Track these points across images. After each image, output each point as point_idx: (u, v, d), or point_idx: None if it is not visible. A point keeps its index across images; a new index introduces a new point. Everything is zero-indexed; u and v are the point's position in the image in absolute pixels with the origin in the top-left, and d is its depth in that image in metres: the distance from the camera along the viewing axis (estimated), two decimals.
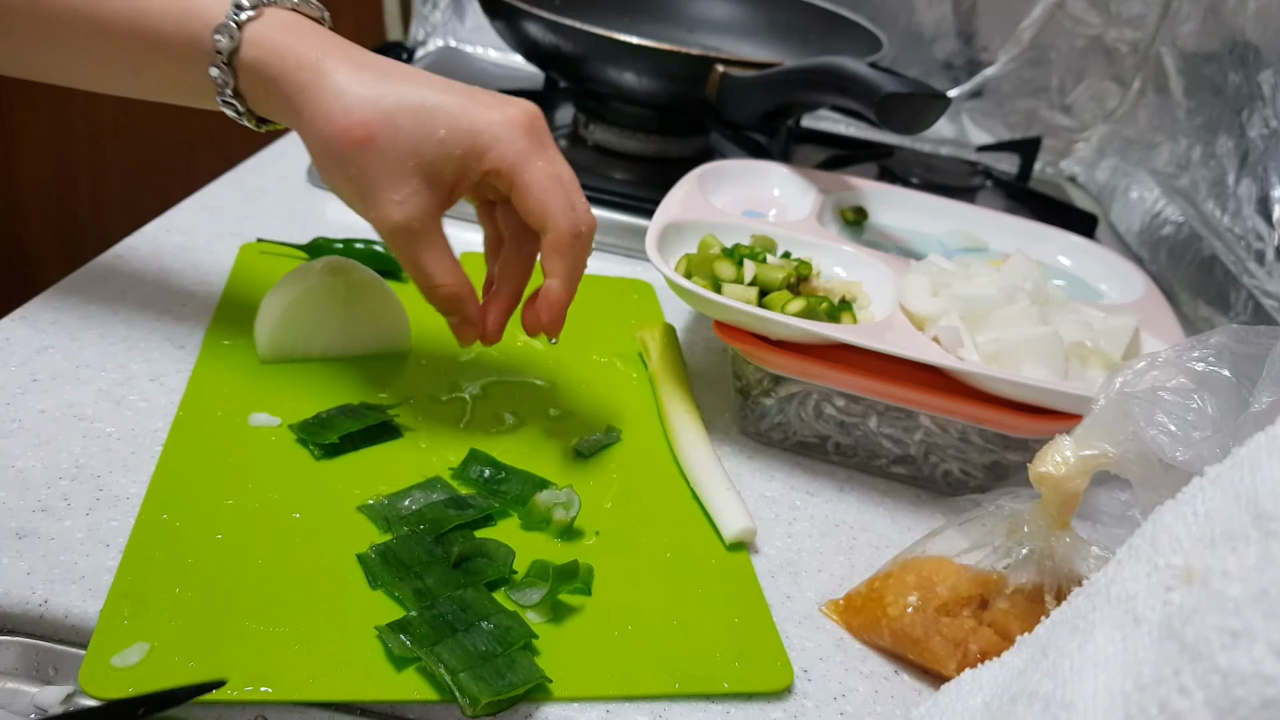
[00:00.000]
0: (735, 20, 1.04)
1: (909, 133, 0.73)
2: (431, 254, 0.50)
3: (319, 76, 0.47)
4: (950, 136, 1.17)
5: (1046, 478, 0.42)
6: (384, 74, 0.48)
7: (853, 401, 0.57)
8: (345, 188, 0.49)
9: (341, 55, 0.48)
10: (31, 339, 0.56)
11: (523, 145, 0.48)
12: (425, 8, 1.20)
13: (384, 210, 0.48)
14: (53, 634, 0.41)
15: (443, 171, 0.48)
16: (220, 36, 0.47)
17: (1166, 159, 1.01)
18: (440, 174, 0.48)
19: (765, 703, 0.43)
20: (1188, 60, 1.01)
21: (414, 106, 0.47)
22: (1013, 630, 0.44)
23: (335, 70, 0.48)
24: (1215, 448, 0.36)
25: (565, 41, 0.80)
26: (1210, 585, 0.25)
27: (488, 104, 0.49)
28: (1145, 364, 0.41)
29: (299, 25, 0.49)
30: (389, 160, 0.47)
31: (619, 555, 0.48)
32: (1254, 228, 0.82)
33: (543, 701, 0.41)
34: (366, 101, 0.47)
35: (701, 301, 0.56)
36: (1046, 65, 1.13)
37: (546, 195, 0.49)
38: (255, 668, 0.39)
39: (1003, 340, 0.55)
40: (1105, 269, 0.73)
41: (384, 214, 0.48)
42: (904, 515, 0.57)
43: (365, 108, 0.47)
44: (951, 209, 0.77)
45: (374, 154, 0.47)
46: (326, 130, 0.47)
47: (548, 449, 0.55)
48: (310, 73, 0.47)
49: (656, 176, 0.80)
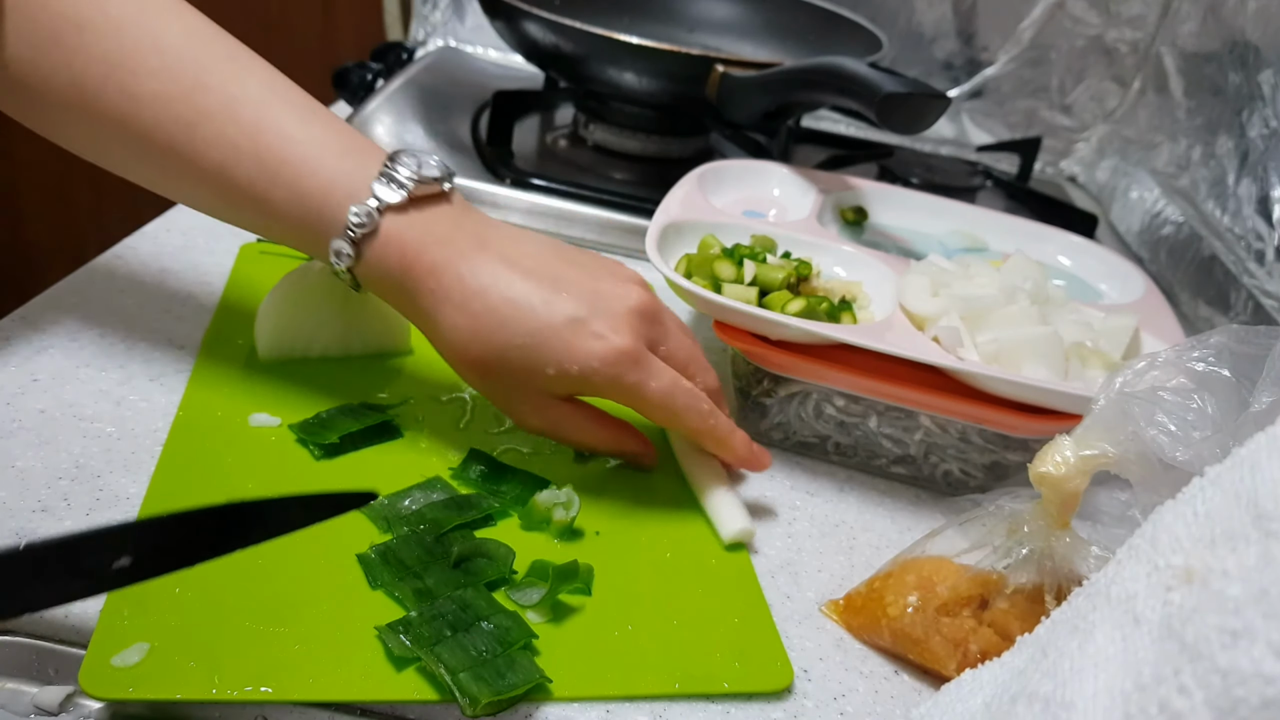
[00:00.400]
0: (735, 20, 1.04)
1: (909, 133, 0.73)
2: (579, 430, 0.52)
3: (436, 300, 0.49)
4: (950, 136, 1.17)
5: (1046, 478, 0.42)
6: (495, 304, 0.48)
7: (853, 401, 0.57)
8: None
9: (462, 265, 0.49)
10: (31, 339, 0.56)
11: (631, 379, 0.49)
12: (425, 8, 1.20)
13: (513, 413, 0.52)
14: (53, 634, 0.41)
15: (555, 391, 0.50)
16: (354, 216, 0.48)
17: (1166, 159, 1.01)
18: (553, 392, 0.51)
19: (765, 703, 0.43)
20: (1188, 60, 1.01)
21: (523, 345, 0.48)
22: (1013, 630, 0.44)
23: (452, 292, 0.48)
24: (1215, 448, 0.36)
25: (565, 41, 0.80)
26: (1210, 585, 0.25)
27: (592, 334, 0.48)
28: (1145, 364, 0.41)
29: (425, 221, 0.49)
30: (505, 385, 0.50)
31: (619, 555, 0.48)
32: (1254, 228, 0.82)
33: (543, 701, 0.41)
34: (477, 341, 0.49)
35: (701, 301, 0.56)
36: (1046, 65, 1.13)
37: (668, 410, 0.50)
38: (255, 668, 0.39)
39: (1003, 340, 0.55)
40: (1105, 269, 0.73)
41: (515, 416, 0.52)
42: (904, 515, 0.57)
43: (476, 347, 0.49)
44: (951, 209, 0.77)
45: (491, 381, 0.50)
46: (446, 354, 0.50)
47: (548, 449, 0.55)
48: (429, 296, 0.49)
49: (656, 176, 0.80)
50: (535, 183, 0.81)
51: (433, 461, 0.52)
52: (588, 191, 0.82)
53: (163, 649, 0.39)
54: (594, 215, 0.80)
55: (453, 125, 0.92)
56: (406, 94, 0.98)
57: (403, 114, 0.92)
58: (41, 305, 0.59)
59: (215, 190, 0.49)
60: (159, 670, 0.38)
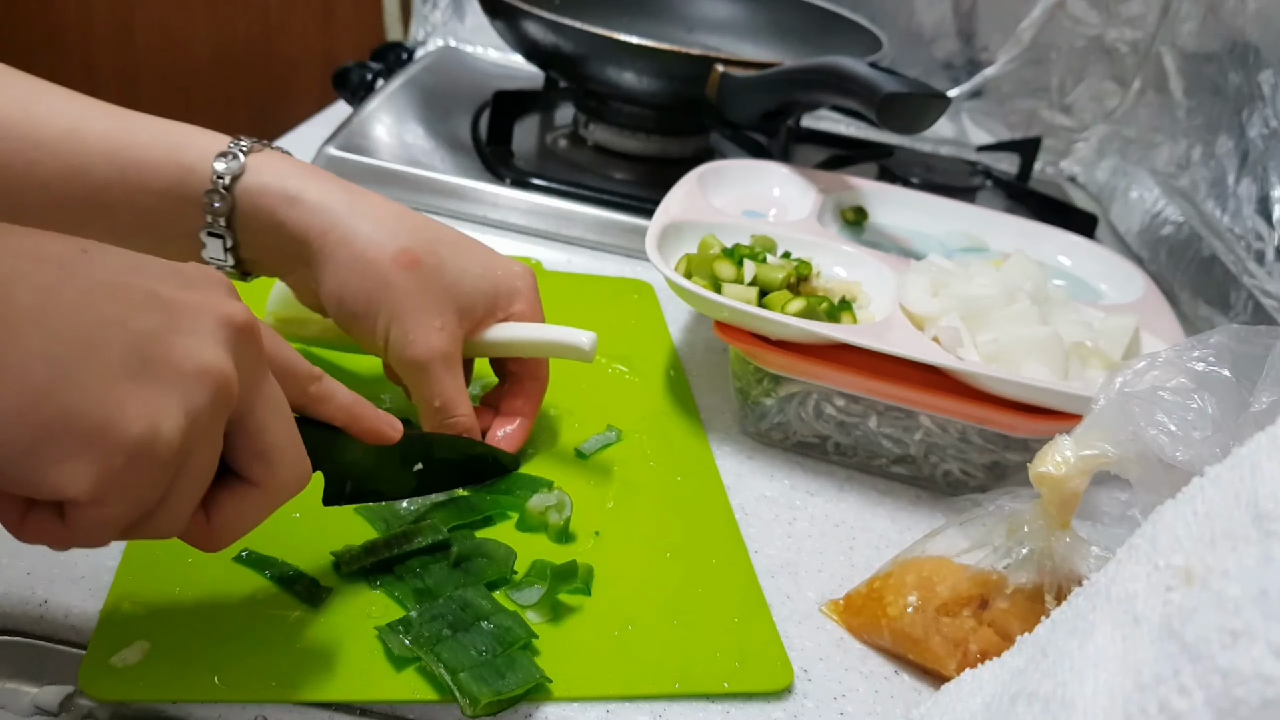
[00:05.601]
0: (735, 20, 1.04)
1: (909, 132, 0.74)
2: (459, 382, 0.50)
3: (355, 200, 0.48)
4: (950, 136, 1.17)
5: (1046, 478, 0.42)
6: (408, 210, 0.50)
7: (853, 401, 0.57)
8: (376, 317, 0.48)
9: (357, 189, 0.49)
10: None
11: (538, 298, 0.53)
12: (425, 7, 1.20)
13: (422, 335, 0.48)
14: (53, 634, 0.41)
15: (475, 306, 0.50)
16: (222, 162, 0.46)
17: (1166, 159, 1.01)
18: (473, 308, 0.50)
19: (765, 703, 0.43)
20: (1188, 60, 1.01)
21: (454, 240, 0.50)
22: (1013, 630, 0.44)
23: (364, 197, 0.48)
24: (1215, 447, 0.36)
25: (565, 41, 0.80)
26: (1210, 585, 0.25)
27: (505, 257, 0.53)
28: (1145, 364, 0.41)
29: (298, 161, 0.49)
30: (432, 288, 0.48)
31: (619, 555, 0.48)
32: (1254, 228, 0.82)
33: (543, 701, 0.41)
34: (411, 227, 0.48)
35: (702, 301, 0.56)
36: (1046, 65, 1.13)
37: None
38: (255, 667, 0.39)
39: (1003, 340, 0.55)
40: (1105, 269, 0.73)
41: (423, 340, 0.48)
42: (904, 515, 0.57)
43: (411, 233, 0.48)
44: (951, 209, 0.77)
45: (419, 279, 0.48)
46: (369, 253, 0.47)
47: (548, 449, 0.55)
48: (344, 195, 0.48)
49: (656, 176, 0.80)
50: (535, 182, 0.81)
51: None
52: (588, 191, 0.82)
53: (163, 649, 0.39)
54: (594, 215, 0.80)
55: (453, 125, 0.92)
56: (406, 94, 0.98)
57: (403, 114, 0.93)
58: None
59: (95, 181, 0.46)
60: (159, 670, 0.38)
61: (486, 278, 0.50)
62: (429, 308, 0.48)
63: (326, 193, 0.47)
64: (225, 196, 0.46)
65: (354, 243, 0.47)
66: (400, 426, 0.43)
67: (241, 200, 0.47)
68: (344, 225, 0.47)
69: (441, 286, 0.48)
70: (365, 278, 0.47)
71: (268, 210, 0.47)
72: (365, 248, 0.47)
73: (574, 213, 0.80)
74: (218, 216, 0.47)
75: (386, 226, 0.48)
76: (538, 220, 0.81)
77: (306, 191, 0.47)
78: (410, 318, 0.48)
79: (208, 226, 0.47)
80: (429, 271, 0.48)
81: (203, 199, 0.46)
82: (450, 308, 0.49)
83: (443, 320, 0.48)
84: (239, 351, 0.33)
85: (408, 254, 0.47)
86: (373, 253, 0.47)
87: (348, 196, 0.48)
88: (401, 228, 0.48)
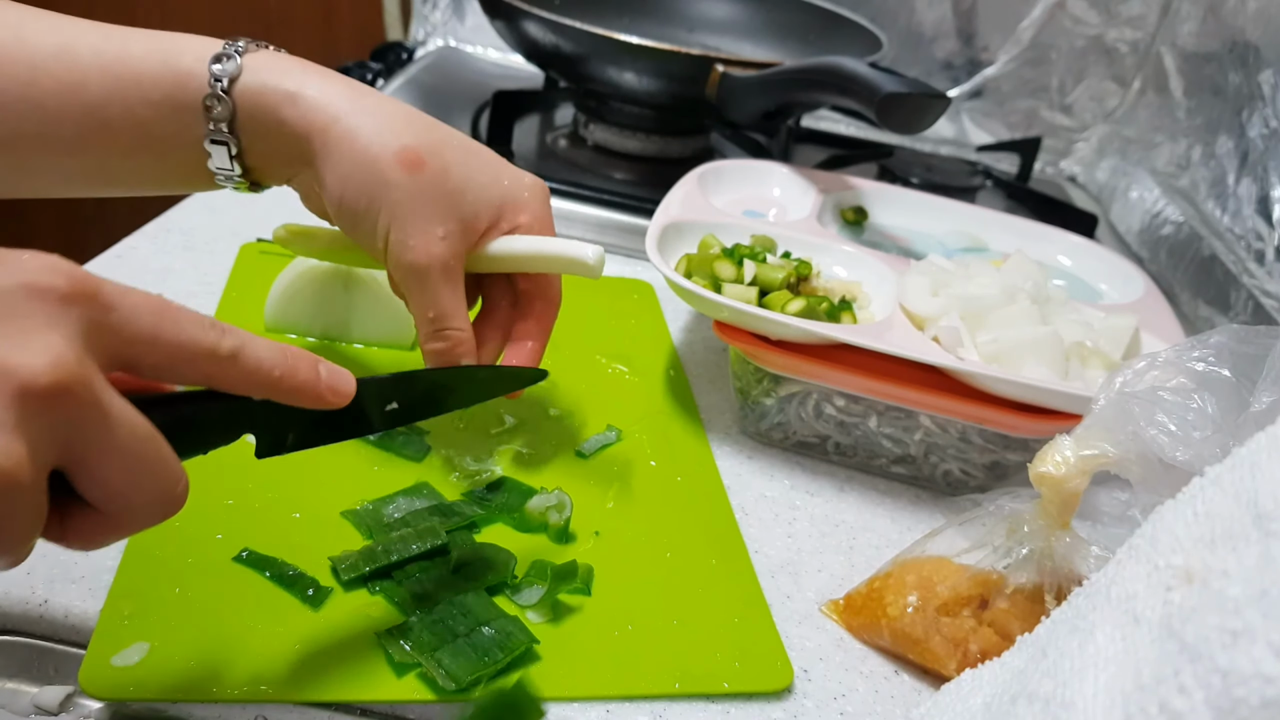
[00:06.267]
0: (735, 20, 1.04)
1: (909, 132, 0.73)
2: (458, 295, 0.47)
3: (359, 96, 0.46)
4: (950, 136, 1.17)
5: (1046, 478, 0.42)
6: (415, 110, 0.48)
7: (853, 401, 0.57)
8: (377, 218, 0.46)
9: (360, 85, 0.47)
10: None
11: (548, 212, 0.50)
12: (425, 7, 1.20)
13: (422, 241, 0.45)
14: (53, 634, 0.41)
15: (480, 216, 0.47)
16: (218, 64, 0.44)
17: (1166, 159, 1.01)
18: (477, 218, 0.47)
19: (765, 702, 0.43)
20: (1188, 60, 1.01)
21: (462, 145, 0.47)
22: (1013, 630, 0.44)
23: (368, 93, 0.46)
24: (1215, 447, 0.36)
25: (565, 41, 0.80)
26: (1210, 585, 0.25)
27: (515, 168, 0.50)
28: (1145, 364, 0.41)
29: (296, 59, 0.47)
30: (436, 192, 0.46)
31: (619, 555, 0.48)
32: (1254, 228, 0.82)
33: (544, 700, 0.41)
34: (417, 127, 0.46)
35: (701, 301, 0.56)
36: (1046, 65, 1.13)
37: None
38: (255, 668, 0.39)
39: (1003, 340, 0.55)
40: (1105, 269, 0.73)
41: (422, 246, 0.45)
42: (904, 515, 0.57)
43: (416, 133, 0.46)
44: (951, 209, 0.77)
45: (422, 182, 0.45)
46: (372, 149, 0.45)
47: (548, 449, 0.55)
48: (347, 90, 0.45)
49: (656, 176, 0.80)
50: None
51: (434, 462, 0.52)
52: (588, 191, 0.82)
53: (163, 649, 0.39)
54: (594, 215, 0.80)
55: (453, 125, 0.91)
56: (407, 94, 0.98)
57: None
58: None
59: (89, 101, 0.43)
60: (159, 670, 0.38)
61: (493, 187, 0.48)
62: (431, 213, 0.46)
63: (328, 87, 0.45)
64: (225, 100, 0.44)
65: (356, 138, 0.45)
66: (350, 386, 0.37)
67: (241, 102, 0.44)
68: (346, 120, 0.45)
69: (445, 192, 0.46)
70: (367, 174, 0.45)
71: (269, 109, 0.45)
72: (368, 144, 0.45)
73: (574, 212, 0.80)
74: (219, 122, 0.45)
75: (391, 123, 0.45)
76: None
77: (307, 87, 0.45)
78: (411, 221, 0.45)
79: (210, 134, 0.45)
80: (433, 174, 0.45)
81: (202, 105, 0.44)
82: (453, 215, 0.46)
83: (445, 228, 0.46)
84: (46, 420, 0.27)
85: (411, 152, 0.45)
86: (375, 149, 0.45)
87: (351, 91, 0.46)
88: (407, 125, 0.46)
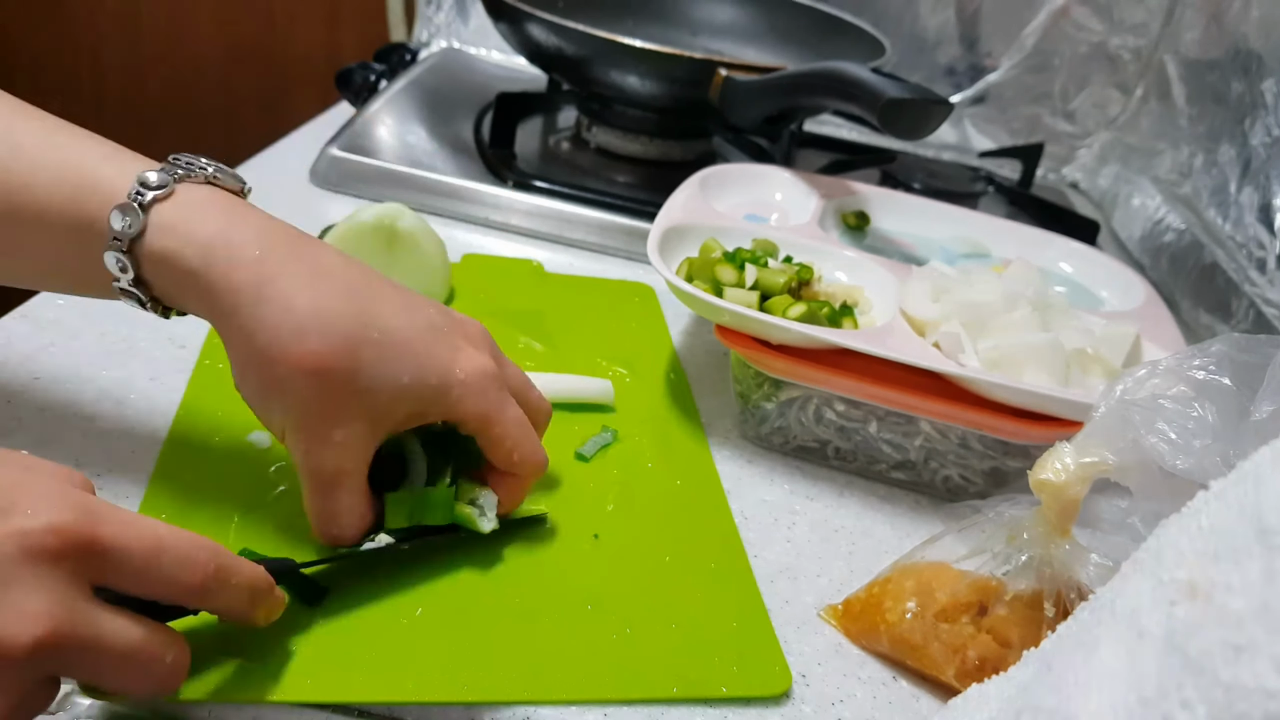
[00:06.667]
0: (738, 24, 1.04)
1: (911, 138, 0.73)
2: (349, 501, 0.43)
3: (261, 282, 0.40)
4: (952, 142, 1.17)
5: (1046, 484, 0.42)
6: (342, 290, 0.41)
7: (853, 406, 0.57)
8: (272, 415, 0.42)
9: (287, 252, 0.41)
10: (32, 337, 0.56)
11: (493, 397, 0.44)
12: (429, 9, 1.20)
13: (313, 448, 0.41)
14: None
15: (394, 414, 0.42)
16: (119, 218, 0.40)
17: (1168, 166, 1.01)
18: (390, 415, 0.42)
19: (763, 707, 0.43)
20: (1190, 68, 1.01)
21: (379, 341, 0.41)
22: (1011, 637, 0.44)
23: (281, 275, 0.40)
24: (1215, 456, 0.36)
25: (569, 44, 0.80)
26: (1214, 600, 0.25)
27: (452, 345, 0.44)
28: (1146, 371, 0.41)
29: (220, 205, 0.42)
30: (338, 396, 0.41)
31: (618, 558, 0.48)
32: (1255, 236, 0.82)
33: (541, 704, 0.41)
34: (324, 326, 0.40)
35: (703, 305, 0.56)
36: (1049, 72, 1.13)
37: (519, 442, 0.45)
38: (253, 668, 0.39)
39: (1004, 346, 0.55)
40: (1106, 276, 0.73)
41: (313, 452, 0.41)
42: (903, 521, 0.57)
43: (322, 334, 0.40)
44: (953, 214, 0.77)
45: (323, 388, 0.40)
46: (270, 351, 0.40)
47: (547, 450, 0.55)
48: (248, 274, 0.40)
49: (658, 180, 0.80)
50: (537, 185, 0.81)
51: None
52: (590, 194, 0.82)
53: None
54: (596, 218, 0.80)
55: (455, 127, 0.92)
56: (409, 95, 0.98)
57: (405, 115, 0.93)
58: (42, 303, 0.59)
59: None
60: None
61: (415, 388, 0.42)
62: (329, 417, 0.41)
63: (236, 265, 0.40)
64: (125, 257, 0.40)
65: (255, 337, 0.40)
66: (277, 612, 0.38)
67: (145, 263, 0.40)
68: (246, 313, 0.40)
69: (351, 393, 0.41)
70: (262, 376, 0.41)
71: (171, 280, 0.41)
72: (267, 345, 0.40)
73: (576, 215, 0.80)
74: (123, 273, 0.41)
75: (296, 318, 0.40)
76: (539, 222, 0.81)
77: (213, 263, 0.40)
78: (305, 428, 0.41)
79: (116, 282, 0.41)
80: (339, 378, 0.40)
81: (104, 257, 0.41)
82: (358, 416, 0.41)
83: (344, 431, 0.41)
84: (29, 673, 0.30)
85: (313, 358, 0.40)
86: (274, 351, 0.40)
87: (259, 271, 0.40)
88: (319, 319, 0.40)
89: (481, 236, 0.80)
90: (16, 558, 0.30)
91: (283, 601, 0.39)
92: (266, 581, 0.37)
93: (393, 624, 0.42)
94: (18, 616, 0.29)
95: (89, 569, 0.31)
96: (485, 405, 0.44)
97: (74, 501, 0.31)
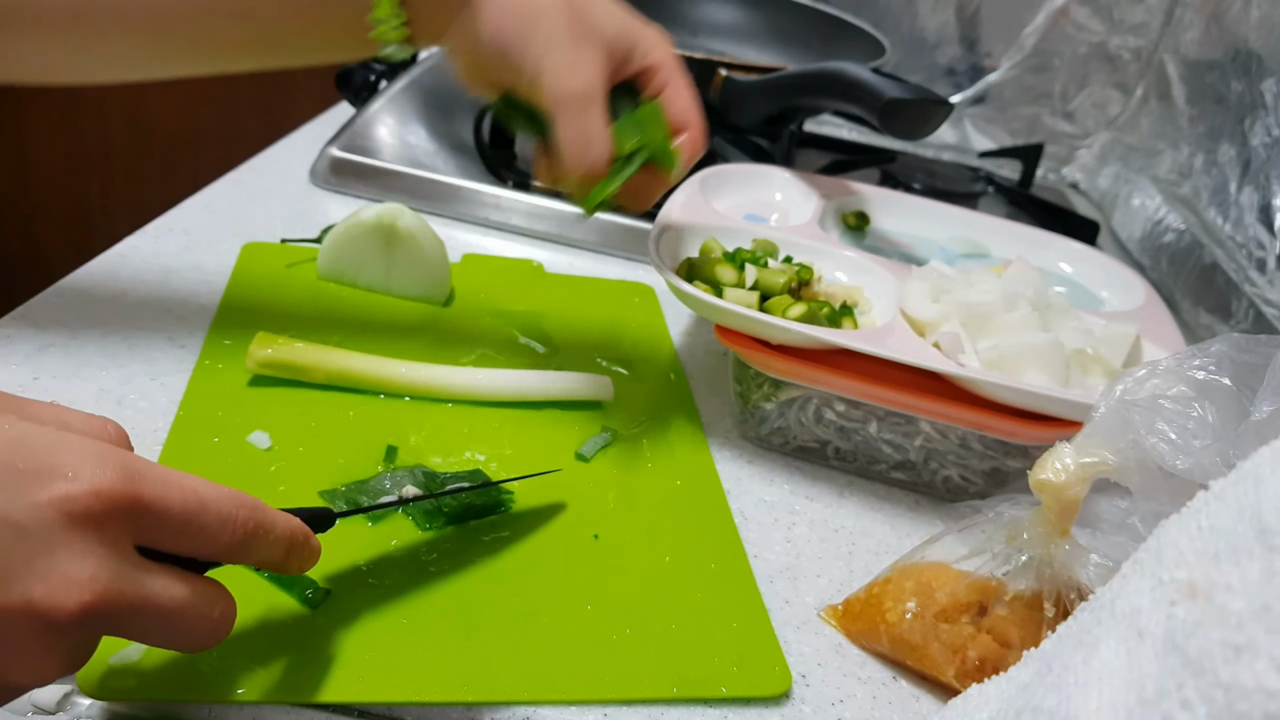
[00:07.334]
0: (738, 24, 1.04)
1: (911, 138, 0.73)
2: (599, 122, 0.50)
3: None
4: (952, 142, 1.17)
5: (1046, 485, 0.42)
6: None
7: (853, 406, 0.57)
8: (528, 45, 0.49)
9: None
10: (33, 337, 0.56)
11: (674, 54, 0.54)
12: None
13: (576, 65, 0.49)
14: None
15: (616, 50, 0.51)
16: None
17: (1168, 166, 1.01)
18: (614, 51, 0.51)
19: (763, 708, 0.43)
20: (1190, 68, 1.01)
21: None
22: (1011, 637, 0.44)
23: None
24: (1215, 456, 0.36)
25: None
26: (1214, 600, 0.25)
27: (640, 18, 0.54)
28: (1146, 372, 0.41)
29: None
30: (582, 25, 0.50)
31: (618, 558, 0.48)
32: (1255, 236, 0.82)
33: (541, 704, 0.41)
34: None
35: (703, 305, 0.56)
36: (1049, 72, 1.13)
37: (692, 98, 0.54)
38: (254, 668, 0.39)
39: (1003, 346, 0.55)
40: (1106, 276, 0.73)
41: (570, 72, 0.49)
42: (903, 521, 0.57)
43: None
44: (953, 215, 0.77)
45: (570, 14, 0.50)
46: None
47: (548, 450, 0.55)
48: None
49: None
50: (537, 185, 0.81)
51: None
52: None
53: (161, 649, 0.39)
54: (596, 217, 0.80)
55: (455, 127, 0.92)
56: (409, 95, 0.98)
57: (405, 115, 0.92)
58: (43, 303, 0.59)
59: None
60: (157, 670, 0.38)
61: (626, 28, 0.52)
62: (580, 40, 0.50)
63: None
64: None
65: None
66: None
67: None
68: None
69: (589, 25, 0.50)
70: (523, 6, 0.50)
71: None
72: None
73: (576, 215, 0.80)
74: None
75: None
76: (539, 223, 0.81)
77: None
78: (566, 46, 0.49)
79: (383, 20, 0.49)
80: (577, 9, 0.50)
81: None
82: (599, 44, 0.50)
83: (591, 53, 0.50)
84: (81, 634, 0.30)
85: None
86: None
87: None
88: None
89: (481, 236, 0.80)
90: (61, 523, 0.29)
91: (317, 552, 0.37)
92: (304, 533, 0.37)
93: (393, 624, 0.42)
94: (65, 583, 0.29)
95: (131, 529, 0.31)
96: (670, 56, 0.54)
97: (115, 461, 0.30)
